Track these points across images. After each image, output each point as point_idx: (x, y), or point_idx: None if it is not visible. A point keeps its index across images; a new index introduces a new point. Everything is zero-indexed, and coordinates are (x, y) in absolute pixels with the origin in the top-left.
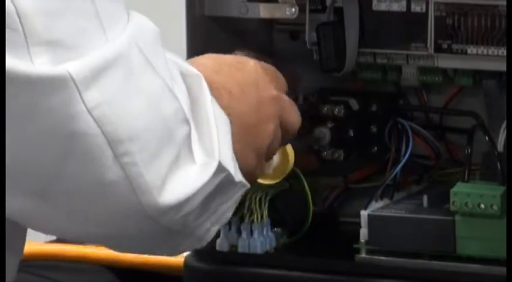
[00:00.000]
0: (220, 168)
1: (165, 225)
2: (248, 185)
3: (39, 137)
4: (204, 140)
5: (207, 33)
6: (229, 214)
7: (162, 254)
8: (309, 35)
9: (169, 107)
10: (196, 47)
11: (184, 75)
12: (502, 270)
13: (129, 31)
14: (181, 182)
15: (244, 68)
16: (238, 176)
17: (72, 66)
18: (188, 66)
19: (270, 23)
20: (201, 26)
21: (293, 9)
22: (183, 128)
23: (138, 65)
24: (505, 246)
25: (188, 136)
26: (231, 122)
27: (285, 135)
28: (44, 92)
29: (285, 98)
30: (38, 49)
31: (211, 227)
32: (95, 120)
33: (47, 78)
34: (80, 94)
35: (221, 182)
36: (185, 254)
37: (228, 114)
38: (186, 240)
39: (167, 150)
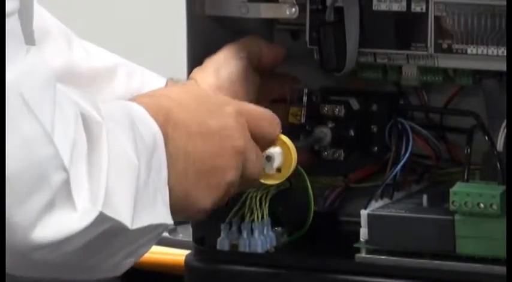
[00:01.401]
0: (103, 217)
1: (42, 261)
2: (169, 224)
3: None
4: (93, 188)
5: (208, 33)
6: (145, 249)
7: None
8: (310, 35)
9: (44, 153)
10: (196, 47)
11: (86, 119)
12: (502, 269)
13: (13, 73)
14: (53, 225)
15: (215, 114)
16: (137, 224)
17: None
18: (92, 111)
19: (270, 22)
20: (201, 26)
21: (293, 9)
22: (59, 174)
23: (14, 108)
24: (505, 246)
25: (65, 182)
26: (184, 160)
27: (243, 185)
28: None
29: (253, 150)
30: None
31: (122, 261)
32: None
33: None
34: None
35: (108, 229)
36: (185, 252)
37: (180, 154)
38: (92, 272)
39: (38, 194)
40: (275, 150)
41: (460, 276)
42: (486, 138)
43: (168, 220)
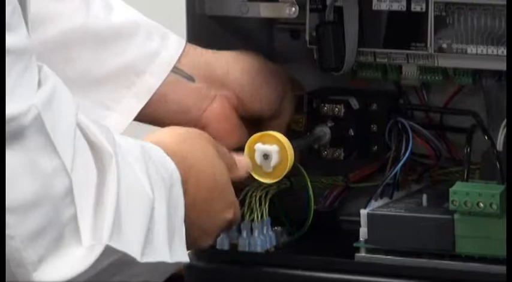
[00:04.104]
0: (110, 250)
1: None
2: (185, 262)
3: None
4: (98, 221)
5: (208, 33)
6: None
7: None
8: (309, 34)
9: (60, 188)
10: (196, 46)
11: (98, 151)
12: (501, 268)
13: (36, 100)
14: (60, 263)
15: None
16: (149, 258)
17: None
18: (105, 144)
19: (270, 22)
20: (201, 25)
21: (293, 8)
22: (69, 209)
23: (35, 141)
24: (504, 245)
25: (74, 217)
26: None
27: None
28: None
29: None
30: None
31: None
32: None
33: None
34: None
35: (117, 261)
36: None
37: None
38: None
39: (50, 230)
40: (272, 148)
41: (459, 275)
42: (486, 137)
43: (185, 259)
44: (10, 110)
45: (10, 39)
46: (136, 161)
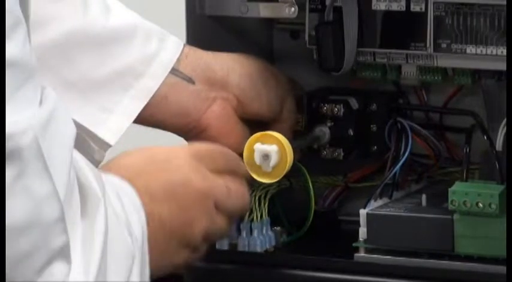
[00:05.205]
0: None
1: None
2: None
3: None
4: (85, 261)
5: (207, 33)
6: None
7: None
8: (309, 35)
9: (51, 215)
10: (196, 46)
11: (86, 190)
12: (500, 268)
13: (34, 122)
14: None
15: (171, 167)
16: None
17: None
18: (92, 181)
19: (270, 22)
20: (201, 26)
21: (293, 8)
22: (59, 238)
23: (30, 163)
24: (504, 245)
25: (65, 247)
26: (153, 230)
27: (231, 217)
28: None
29: (219, 184)
30: None
31: None
32: None
33: None
34: None
35: None
36: None
37: (151, 221)
38: None
39: (38, 254)
40: (272, 149)
41: (458, 275)
42: (485, 137)
43: None
44: (6, 126)
45: (8, 51)
46: (118, 207)
